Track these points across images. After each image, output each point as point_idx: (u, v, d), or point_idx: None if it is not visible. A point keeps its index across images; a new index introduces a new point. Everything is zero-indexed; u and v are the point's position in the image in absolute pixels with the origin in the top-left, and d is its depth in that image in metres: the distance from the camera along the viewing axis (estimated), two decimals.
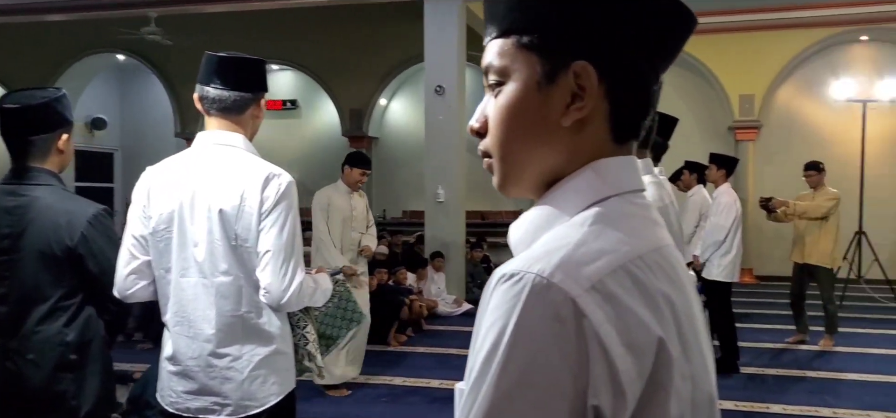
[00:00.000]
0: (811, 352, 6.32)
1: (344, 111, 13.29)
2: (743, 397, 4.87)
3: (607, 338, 0.65)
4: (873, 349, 6.43)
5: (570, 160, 0.78)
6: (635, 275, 0.69)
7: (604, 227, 0.72)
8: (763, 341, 6.73)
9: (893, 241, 11.13)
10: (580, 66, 0.74)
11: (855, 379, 5.36)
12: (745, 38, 11.42)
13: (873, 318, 8.00)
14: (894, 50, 11.21)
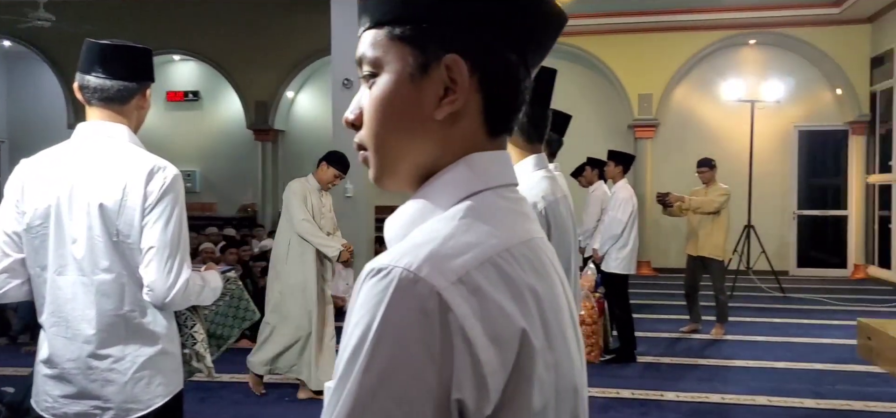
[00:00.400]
0: (704, 341, 6.63)
1: (249, 103, 12.96)
2: (639, 385, 5.06)
3: (472, 331, 0.65)
4: (760, 337, 6.81)
5: (445, 153, 0.78)
6: (502, 268, 0.70)
7: (474, 221, 0.73)
8: (659, 331, 7.01)
9: (779, 235, 11.85)
10: (451, 59, 0.75)
11: (742, 366, 5.66)
12: (644, 40, 11.86)
13: (760, 308, 8.48)
14: (779, 53, 11.91)
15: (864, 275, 11.47)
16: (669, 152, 12.00)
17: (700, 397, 4.76)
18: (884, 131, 11.25)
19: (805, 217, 12.05)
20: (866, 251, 11.64)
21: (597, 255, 6.06)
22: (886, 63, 10.96)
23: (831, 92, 11.84)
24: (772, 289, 9.76)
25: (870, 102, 11.41)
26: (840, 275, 11.65)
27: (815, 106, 11.92)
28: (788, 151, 11.96)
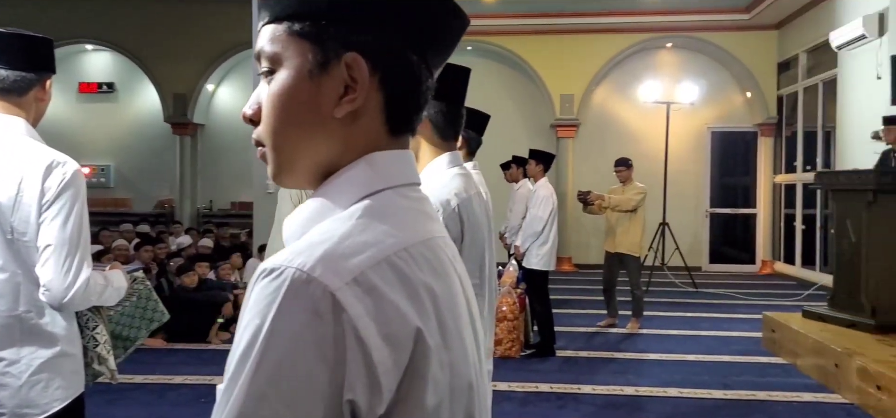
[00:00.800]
0: (620, 335, 6.83)
1: (166, 96, 12.56)
2: (557, 379, 5.17)
3: (365, 332, 0.65)
4: (672, 330, 7.06)
5: (345, 152, 0.78)
6: (398, 268, 0.70)
7: (371, 220, 0.73)
8: (579, 325, 7.18)
9: (693, 232, 12.31)
10: (352, 57, 0.75)
11: (655, 359, 5.86)
12: (566, 41, 12.11)
13: (674, 302, 8.80)
14: (693, 56, 12.37)
15: (771, 270, 12.05)
16: (590, 151, 12.29)
17: (615, 390, 4.89)
18: (789, 133, 11.85)
19: (717, 215, 12.57)
20: (773, 248, 12.23)
21: (518, 252, 6.16)
22: (792, 68, 11.54)
23: (742, 95, 12.39)
24: (685, 284, 10.14)
25: (777, 105, 11.99)
26: (749, 271, 12.20)
27: (727, 108, 12.44)
28: (702, 152, 12.44)
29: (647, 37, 12.02)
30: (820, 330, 5.53)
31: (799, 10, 10.76)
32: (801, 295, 8.93)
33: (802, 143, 11.21)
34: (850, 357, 4.70)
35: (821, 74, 10.45)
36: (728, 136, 12.56)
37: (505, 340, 5.82)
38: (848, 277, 5.75)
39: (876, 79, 8.16)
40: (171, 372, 5.20)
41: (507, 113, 12.74)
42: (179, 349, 5.92)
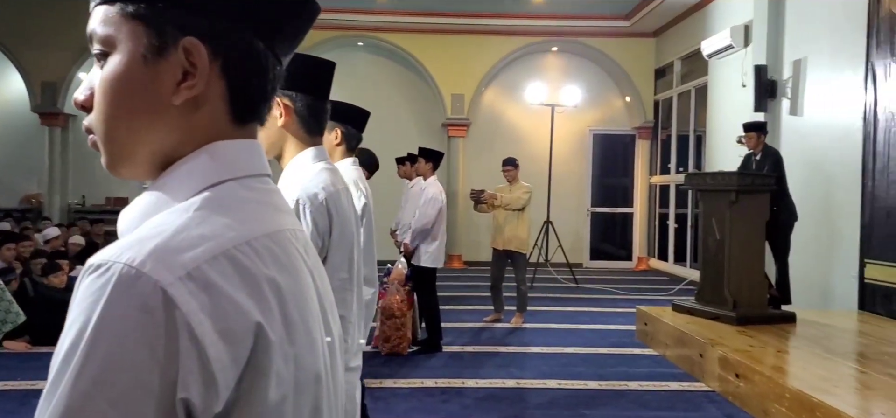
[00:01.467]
0: (505, 329, 6.99)
1: (34, 84, 11.75)
2: (443, 374, 5.23)
3: (199, 328, 0.63)
4: (554, 324, 7.30)
5: (185, 141, 0.75)
6: (238, 262, 0.68)
7: (210, 213, 0.71)
8: (466, 321, 7.30)
9: (575, 230, 12.77)
10: (190, 42, 0.72)
11: (537, 352, 6.04)
12: (457, 41, 12.27)
13: (556, 297, 9.10)
14: (577, 60, 12.84)
15: (646, 266, 12.69)
16: (480, 151, 12.51)
17: (497, 383, 5.01)
18: (664, 136, 12.51)
19: (597, 214, 13.10)
20: (648, 245, 12.88)
21: (407, 249, 6.19)
22: (668, 74, 12.20)
23: (621, 99, 12.96)
24: (567, 280, 10.51)
25: (654, 110, 12.63)
26: (626, 267, 12.80)
27: (608, 111, 12.98)
28: (584, 153, 12.93)
29: (535, 40, 12.37)
30: (687, 322, 5.88)
31: (674, 19, 11.37)
32: (673, 289, 9.46)
33: (676, 146, 11.87)
34: (712, 347, 5.02)
35: (693, 81, 11.11)
36: (608, 139, 13.11)
37: (392, 337, 5.83)
38: (713, 273, 6.15)
39: (741, 86, 8.75)
40: (35, 377, 4.87)
41: (398, 111, 12.76)
42: (44, 353, 5.55)
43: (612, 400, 4.70)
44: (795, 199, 6.46)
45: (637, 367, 5.57)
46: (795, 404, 3.90)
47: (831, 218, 6.99)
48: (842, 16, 6.94)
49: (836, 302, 6.87)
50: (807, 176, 7.20)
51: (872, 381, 4.22)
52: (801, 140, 7.59)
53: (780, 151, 6.94)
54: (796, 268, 6.57)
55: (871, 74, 6.38)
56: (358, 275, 1.91)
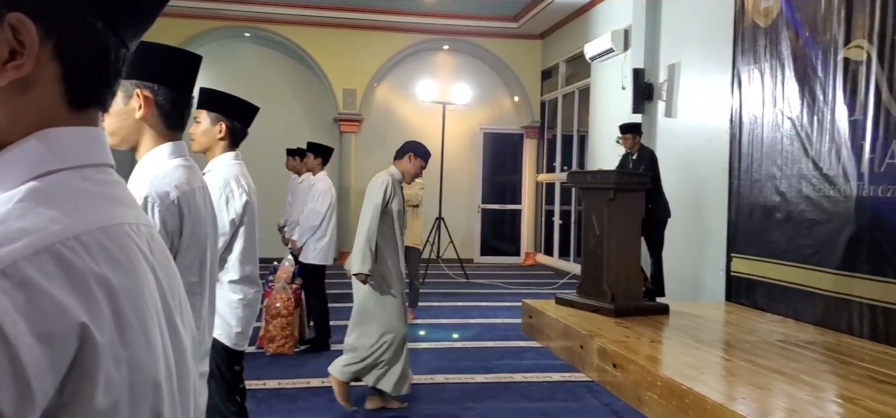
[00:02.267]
0: None
1: None
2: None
3: (12, 330, 0.58)
4: (444, 319, 7.38)
5: (13, 126, 0.69)
6: (64, 258, 0.64)
7: (35, 205, 0.66)
8: None
9: (466, 227, 12.95)
10: (17, 19, 0.66)
11: (426, 347, 6.09)
12: (349, 35, 12.15)
13: (447, 293, 9.20)
14: (468, 60, 13.01)
15: (534, 261, 13.05)
16: (372, 147, 12.45)
17: None
18: (550, 136, 12.90)
19: (488, 210, 13.34)
20: (535, 241, 13.25)
21: (295, 246, 6.08)
22: (553, 76, 12.58)
23: (510, 99, 13.26)
24: (458, 275, 10.65)
25: (540, 110, 13.00)
26: (514, 262, 13.11)
27: (498, 110, 13.24)
28: (475, 151, 13.13)
29: (426, 38, 12.43)
30: (569, 314, 6.09)
31: (560, 22, 11.74)
32: (558, 283, 9.77)
33: (561, 146, 12.26)
34: (592, 338, 5.23)
35: (577, 83, 11.51)
36: (498, 137, 13.38)
37: (278, 337, 5.72)
38: (593, 267, 6.40)
39: (621, 89, 9.15)
40: None
41: (288, 105, 12.51)
42: None
43: (497, 392, 4.81)
44: (669, 197, 6.83)
45: (522, 360, 5.71)
46: (666, 391, 4.12)
47: (701, 215, 7.44)
48: (711, 24, 7.38)
49: (705, 293, 7.32)
50: (680, 175, 7.62)
51: (735, 368, 4.52)
52: (674, 141, 8.03)
53: (656, 151, 7.32)
54: (670, 263, 6.94)
55: (737, 80, 6.83)
56: (211, 278, 1.84)
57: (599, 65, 10.11)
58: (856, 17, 5.33)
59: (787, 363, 4.52)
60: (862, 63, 5.26)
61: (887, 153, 4.99)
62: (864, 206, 5.17)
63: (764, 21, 6.46)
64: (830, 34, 5.60)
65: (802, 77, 5.91)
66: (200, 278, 1.78)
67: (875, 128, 5.10)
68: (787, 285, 6.05)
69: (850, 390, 3.91)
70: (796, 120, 5.96)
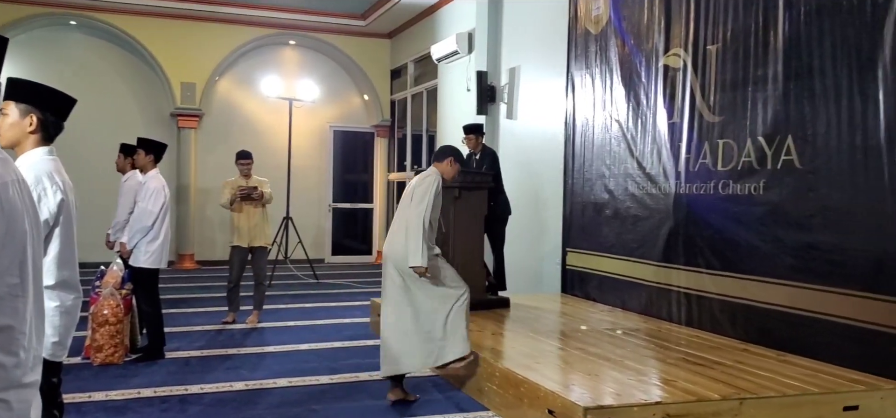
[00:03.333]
0: (241, 330, 6.76)
1: None
2: (163, 382, 4.91)
3: None
4: (291, 322, 7.23)
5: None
6: None
7: None
8: (196, 324, 6.95)
9: (316, 225, 12.77)
10: None
11: (271, 352, 5.93)
12: (188, 27, 11.60)
13: (295, 294, 9.02)
14: (315, 56, 12.82)
15: None
16: (214, 143, 11.96)
17: (224, 387, 4.83)
18: (400, 135, 13.00)
19: (339, 209, 13.22)
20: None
21: (125, 249, 5.70)
22: (402, 75, 12.67)
23: (360, 97, 13.21)
24: (307, 276, 10.47)
25: (390, 109, 13.05)
26: (366, 261, 13.09)
27: (347, 108, 13.15)
28: (324, 148, 12.96)
29: (271, 32, 12.11)
30: None
31: (407, 22, 11.85)
32: None
33: (411, 145, 12.38)
34: None
35: (425, 83, 11.67)
36: (348, 135, 13.29)
37: (106, 346, 5.35)
38: None
39: (466, 90, 9.38)
40: None
41: (120, 99, 11.76)
42: None
43: (342, 392, 4.77)
44: (510, 195, 7.08)
45: (370, 358, 5.69)
46: (504, 381, 4.28)
47: (540, 212, 7.79)
48: (548, 30, 7.74)
49: (544, 286, 7.67)
50: (520, 174, 7.93)
51: (569, 356, 4.78)
52: (515, 141, 8.35)
53: (499, 151, 7.57)
54: (511, 258, 7.21)
55: (571, 84, 7.21)
56: (35, 280, 1.69)
57: (446, 66, 10.31)
58: (674, 27, 5.79)
59: (615, 350, 4.83)
60: (679, 70, 5.72)
61: (700, 154, 5.46)
62: (681, 203, 5.63)
63: (595, 28, 6.87)
64: (652, 42, 6.05)
65: (628, 82, 6.34)
66: (21, 279, 1.62)
67: (690, 130, 5.57)
68: (615, 277, 6.47)
69: (668, 373, 4.25)
70: (623, 122, 6.38)
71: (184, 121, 11.85)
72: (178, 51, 11.59)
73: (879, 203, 4.08)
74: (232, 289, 7.08)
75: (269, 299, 7.77)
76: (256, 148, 8.37)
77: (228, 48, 11.93)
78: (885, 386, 3.93)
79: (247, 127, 12.21)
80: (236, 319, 7.05)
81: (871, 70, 4.13)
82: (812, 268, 4.51)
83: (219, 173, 10.08)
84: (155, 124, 11.51)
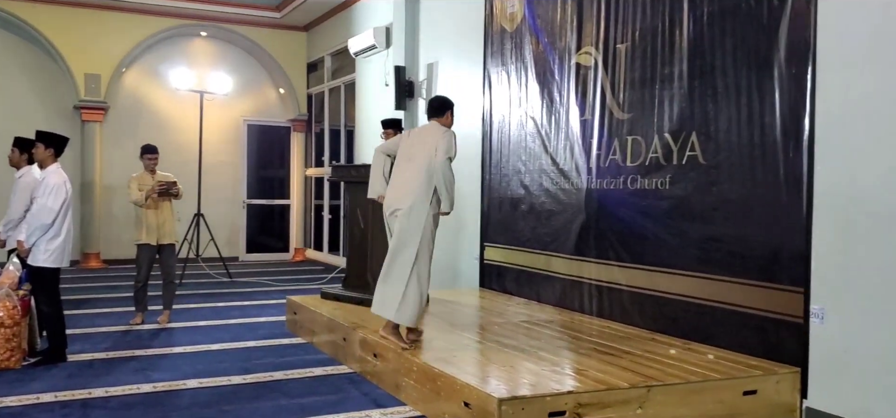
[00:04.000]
0: (149, 330, 6.53)
1: None
2: (65, 386, 4.68)
3: None
4: (203, 321, 7.02)
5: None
6: None
7: None
8: (102, 325, 6.67)
9: (230, 222, 12.46)
10: None
11: (180, 352, 5.74)
12: (92, 15, 11.10)
13: (207, 293, 8.77)
14: (229, 48, 12.49)
15: (303, 257, 12.91)
16: (121, 137, 11.49)
17: (131, 389, 4.64)
18: (318, 130, 12.83)
19: (254, 205, 12.94)
20: (305, 236, 13.10)
21: (22, 248, 5.39)
22: (319, 69, 12.51)
23: (275, 90, 12.96)
24: (220, 275, 10.20)
25: (307, 103, 12.86)
26: (283, 259, 12.87)
27: (263, 102, 12.88)
28: (238, 143, 12.65)
29: (181, 23, 11.73)
30: (334, 308, 6.10)
31: (324, 15, 11.70)
32: (326, 278, 9.75)
33: (329, 140, 12.24)
34: (355, 330, 5.28)
35: (343, 77, 11.55)
36: (264, 129, 13.02)
37: (1, 349, 5.05)
38: (358, 260, 6.47)
39: (384, 85, 9.34)
40: None
41: (18, 90, 11.15)
42: None
43: (255, 391, 4.67)
44: None
45: (284, 357, 5.61)
46: (421, 376, 4.28)
47: (459, 207, 7.77)
48: (464, 26, 7.80)
49: (462, 281, 7.73)
50: None
51: (485, 349, 4.83)
52: None
53: None
54: None
55: (488, 81, 7.28)
56: None
57: (364, 60, 10.23)
58: (585, 26, 5.93)
59: (530, 341, 4.92)
60: (590, 68, 5.87)
61: (610, 150, 5.62)
62: (592, 198, 5.78)
63: (510, 26, 6.96)
64: (565, 41, 6.18)
65: (543, 80, 6.46)
66: None
67: (601, 127, 5.72)
68: (531, 270, 6.59)
69: (580, 363, 4.35)
70: (538, 119, 6.50)
71: (88, 114, 11.32)
72: (81, 40, 11.06)
73: (775, 196, 4.30)
74: (141, 288, 6.82)
75: (179, 299, 7.54)
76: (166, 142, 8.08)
77: (136, 39, 11.48)
78: (781, 371, 4.15)
79: (155, 121, 11.78)
80: (145, 320, 6.80)
81: (768, 69, 4.34)
82: (714, 259, 4.71)
83: (125, 169, 9.70)
84: (57, 118, 10.96)
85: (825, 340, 4.00)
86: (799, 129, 4.14)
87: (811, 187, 4.07)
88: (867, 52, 3.78)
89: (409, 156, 4.85)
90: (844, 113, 3.89)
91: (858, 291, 3.81)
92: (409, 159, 4.83)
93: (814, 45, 4.05)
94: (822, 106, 4.02)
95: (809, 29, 4.07)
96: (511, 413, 3.52)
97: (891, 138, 3.66)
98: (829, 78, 3.98)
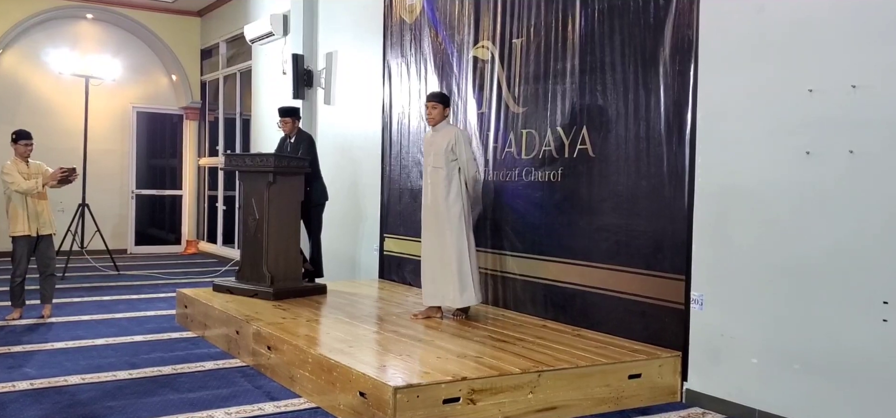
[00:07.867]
0: (28, 326, 6.16)
1: None
2: None
3: None
4: (87, 316, 6.68)
5: None
6: None
7: None
8: None
9: (117, 214, 11.89)
10: None
11: (61, 348, 5.44)
12: None
13: (93, 287, 8.35)
14: (117, 32, 11.90)
15: (196, 249, 12.48)
16: None
17: (5, 387, 4.35)
18: (212, 118, 12.43)
19: (143, 196, 12.39)
20: (198, 228, 12.67)
21: None
22: (214, 56, 12.11)
23: (168, 77, 12.45)
24: (107, 268, 9.72)
25: (201, 90, 12.43)
26: (175, 251, 12.40)
27: (153, 89, 12.34)
28: (126, 131, 12.08)
29: (65, 4, 11.07)
30: (227, 301, 5.94)
31: (219, 1, 11.33)
32: (220, 271, 9.48)
33: (224, 128, 11.88)
34: (248, 323, 5.16)
35: (239, 64, 11.24)
36: (155, 118, 12.49)
37: None
38: (253, 251, 6.32)
39: (282, 73, 9.16)
40: None
41: None
42: None
43: (142, 387, 4.49)
44: (329, 181, 7.03)
45: (173, 351, 5.42)
46: (317, 367, 4.24)
47: (358, 198, 7.80)
48: (364, 16, 7.75)
49: (362, 272, 7.71)
50: (338, 160, 7.89)
51: (383, 339, 4.83)
52: (333, 127, 8.29)
53: (317, 137, 7.48)
54: (329, 244, 7.17)
55: (388, 72, 7.27)
56: None
57: (260, 48, 10.00)
58: (482, 20, 6.03)
59: (427, 331, 4.97)
60: (487, 62, 5.97)
61: (507, 143, 5.74)
62: (489, 190, 5.89)
63: (409, 17, 6.98)
64: (462, 34, 6.26)
65: (442, 72, 6.51)
66: None
67: (498, 120, 5.83)
68: None
69: (475, 350, 4.43)
70: None
71: None
72: None
73: (660, 188, 4.52)
74: (19, 283, 6.41)
75: (61, 293, 7.15)
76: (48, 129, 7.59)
77: (14, 18, 10.75)
78: (663, 355, 4.37)
79: (36, 106, 11.08)
80: (23, 315, 6.40)
81: (654, 66, 4.56)
82: (602, 248, 4.91)
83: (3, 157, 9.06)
84: None
85: (704, 326, 4.24)
86: (682, 124, 4.36)
87: (693, 180, 4.30)
88: (745, 51, 4.03)
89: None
90: (724, 109, 4.14)
91: (735, 279, 4.07)
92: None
93: (696, 43, 4.28)
94: (703, 102, 4.25)
95: (693, 28, 4.30)
96: (406, 401, 3.54)
97: (766, 134, 3.91)
98: (710, 75, 4.22)
